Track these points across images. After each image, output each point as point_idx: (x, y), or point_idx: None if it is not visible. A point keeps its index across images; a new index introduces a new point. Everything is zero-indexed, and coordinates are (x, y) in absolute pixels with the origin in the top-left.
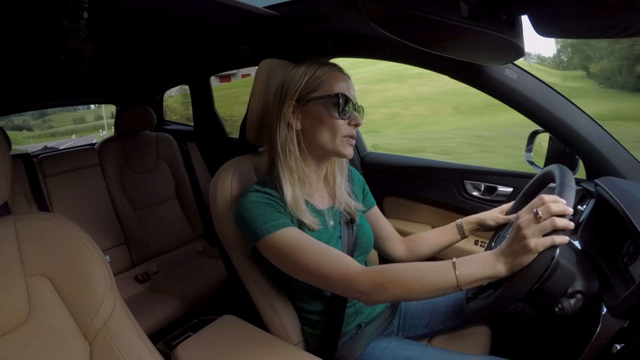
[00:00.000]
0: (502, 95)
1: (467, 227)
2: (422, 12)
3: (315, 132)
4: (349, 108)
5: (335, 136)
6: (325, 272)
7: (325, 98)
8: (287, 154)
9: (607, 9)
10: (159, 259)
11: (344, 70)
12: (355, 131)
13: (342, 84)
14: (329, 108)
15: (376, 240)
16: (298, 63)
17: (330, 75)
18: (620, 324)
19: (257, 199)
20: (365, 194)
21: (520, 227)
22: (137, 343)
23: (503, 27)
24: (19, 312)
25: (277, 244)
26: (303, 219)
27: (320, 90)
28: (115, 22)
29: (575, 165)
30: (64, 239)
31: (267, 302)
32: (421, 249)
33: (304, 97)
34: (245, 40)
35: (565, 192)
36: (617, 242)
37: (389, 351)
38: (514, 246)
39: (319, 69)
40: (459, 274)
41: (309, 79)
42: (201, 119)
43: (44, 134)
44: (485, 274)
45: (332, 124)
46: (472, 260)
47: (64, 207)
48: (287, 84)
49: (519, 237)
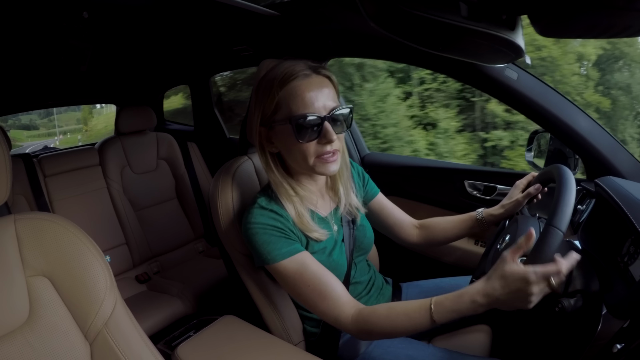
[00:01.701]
0: (503, 95)
1: (488, 220)
2: (422, 12)
3: (288, 157)
4: (314, 126)
5: (306, 161)
6: (319, 311)
7: (285, 123)
8: (275, 178)
9: (607, 9)
10: (159, 259)
11: (314, 70)
12: (332, 147)
13: (301, 98)
14: (289, 133)
15: (387, 228)
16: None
17: (287, 91)
18: (620, 324)
19: (263, 220)
20: (365, 183)
21: (529, 281)
22: (137, 343)
23: (503, 27)
24: (19, 312)
25: (281, 272)
26: (310, 235)
27: (279, 113)
28: (116, 22)
29: (575, 165)
30: (64, 239)
31: (268, 302)
32: (435, 238)
33: (267, 123)
34: (246, 40)
35: (565, 192)
36: (617, 242)
37: (391, 350)
38: (511, 295)
39: (275, 85)
40: (436, 319)
41: (266, 100)
42: (201, 119)
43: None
44: (463, 315)
45: (299, 148)
46: (453, 302)
47: (64, 207)
48: (253, 106)
49: (524, 291)
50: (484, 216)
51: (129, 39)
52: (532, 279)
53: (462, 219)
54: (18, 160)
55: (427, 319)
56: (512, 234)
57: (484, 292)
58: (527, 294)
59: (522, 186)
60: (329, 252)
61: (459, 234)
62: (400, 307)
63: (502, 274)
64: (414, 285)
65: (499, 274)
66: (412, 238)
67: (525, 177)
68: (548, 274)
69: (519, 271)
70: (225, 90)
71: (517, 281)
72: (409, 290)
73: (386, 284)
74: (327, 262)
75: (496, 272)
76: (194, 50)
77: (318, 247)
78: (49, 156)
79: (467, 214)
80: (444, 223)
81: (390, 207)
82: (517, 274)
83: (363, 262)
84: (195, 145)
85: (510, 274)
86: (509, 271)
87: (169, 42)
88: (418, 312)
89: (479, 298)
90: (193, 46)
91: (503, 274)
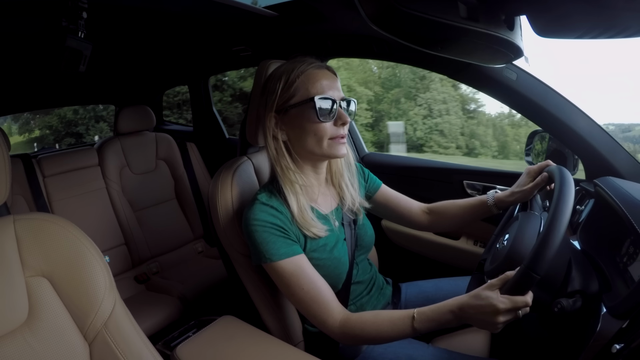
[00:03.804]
0: (502, 96)
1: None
2: (421, 13)
3: (300, 140)
4: (331, 109)
5: (321, 141)
6: (310, 314)
7: (302, 104)
8: (283, 168)
9: (607, 9)
10: (158, 259)
11: (324, 65)
12: (344, 130)
13: (319, 83)
14: (308, 113)
15: (396, 217)
16: (277, 68)
17: (305, 76)
18: (619, 324)
19: (264, 217)
20: (367, 178)
21: (498, 311)
22: (136, 343)
23: (502, 28)
24: (19, 312)
25: (277, 272)
26: (310, 231)
27: (296, 97)
28: (115, 22)
29: (574, 165)
30: (63, 240)
31: (267, 303)
32: (445, 222)
33: (282, 107)
34: (245, 40)
35: (565, 193)
36: (617, 242)
37: (391, 349)
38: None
39: (293, 73)
40: (417, 326)
41: (283, 86)
42: (200, 120)
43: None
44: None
45: (315, 129)
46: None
47: (63, 208)
48: (264, 96)
49: (492, 317)
50: (495, 202)
51: (128, 39)
52: (500, 309)
53: (471, 204)
54: (17, 161)
55: (409, 327)
56: (511, 234)
57: (461, 306)
58: (493, 321)
59: (533, 173)
60: (330, 249)
61: (469, 219)
62: (385, 315)
63: (479, 296)
64: (414, 285)
65: (477, 295)
66: (421, 225)
67: (538, 165)
68: (517, 307)
69: (491, 300)
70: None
71: (488, 307)
72: (409, 290)
73: (386, 284)
74: (329, 259)
75: (476, 292)
76: (193, 50)
77: (318, 244)
78: (48, 157)
79: (477, 198)
80: (454, 208)
81: (396, 196)
82: (489, 301)
83: (364, 261)
84: (194, 146)
85: (485, 298)
86: (484, 296)
87: (168, 42)
88: (401, 320)
89: (456, 310)
90: (192, 46)
91: (479, 296)
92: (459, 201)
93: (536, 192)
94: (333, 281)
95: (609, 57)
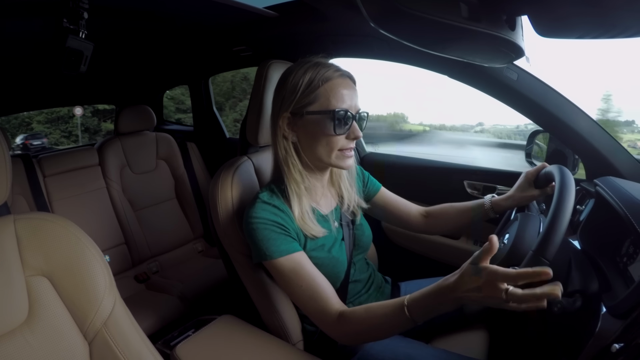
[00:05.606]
0: (502, 96)
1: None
2: (422, 13)
3: (311, 147)
4: (348, 123)
5: (331, 152)
6: (308, 311)
7: (321, 114)
8: (291, 167)
9: (607, 9)
10: (158, 258)
11: (347, 73)
12: (354, 143)
13: (342, 94)
14: (325, 124)
15: (394, 220)
16: (296, 64)
17: (329, 85)
18: (619, 324)
19: (265, 214)
20: (366, 181)
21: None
22: (136, 343)
23: (503, 28)
24: (19, 312)
25: (277, 269)
26: (310, 232)
27: (316, 104)
28: (115, 22)
29: (575, 165)
30: (63, 239)
31: (267, 302)
32: (443, 226)
33: (299, 111)
34: (245, 40)
35: (565, 193)
36: (617, 242)
37: (390, 348)
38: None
39: (316, 77)
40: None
41: (304, 90)
42: (201, 119)
43: None
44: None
45: (328, 140)
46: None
47: (63, 207)
48: (282, 93)
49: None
50: (492, 205)
51: (129, 39)
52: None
53: (469, 207)
54: (17, 160)
55: (404, 316)
56: (511, 234)
57: (449, 285)
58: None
59: (531, 177)
60: (328, 248)
61: (467, 222)
62: (377, 306)
63: (462, 269)
64: (413, 284)
65: (461, 270)
66: (420, 227)
67: (535, 168)
68: (498, 275)
69: (471, 267)
70: None
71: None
72: (408, 289)
73: (385, 283)
74: (327, 259)
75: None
76: (194, 50)
77: (317, 244)
78: (48, 156)
79: (475, 202)
80: (452, 212)
81: (395, 199)
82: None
83: (362, 260)
84: (194, 146)
85: (466, 269)
86: (465, 266)
87: (168, 43)
88: (393, 309)
89: (446, 291)
90: (192, 47)
91: (462, 269)
92: (456, 205)
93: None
94: (331, 280)
95: None
